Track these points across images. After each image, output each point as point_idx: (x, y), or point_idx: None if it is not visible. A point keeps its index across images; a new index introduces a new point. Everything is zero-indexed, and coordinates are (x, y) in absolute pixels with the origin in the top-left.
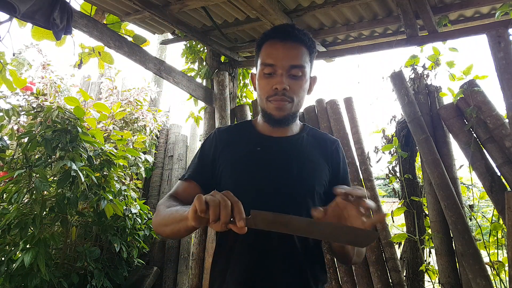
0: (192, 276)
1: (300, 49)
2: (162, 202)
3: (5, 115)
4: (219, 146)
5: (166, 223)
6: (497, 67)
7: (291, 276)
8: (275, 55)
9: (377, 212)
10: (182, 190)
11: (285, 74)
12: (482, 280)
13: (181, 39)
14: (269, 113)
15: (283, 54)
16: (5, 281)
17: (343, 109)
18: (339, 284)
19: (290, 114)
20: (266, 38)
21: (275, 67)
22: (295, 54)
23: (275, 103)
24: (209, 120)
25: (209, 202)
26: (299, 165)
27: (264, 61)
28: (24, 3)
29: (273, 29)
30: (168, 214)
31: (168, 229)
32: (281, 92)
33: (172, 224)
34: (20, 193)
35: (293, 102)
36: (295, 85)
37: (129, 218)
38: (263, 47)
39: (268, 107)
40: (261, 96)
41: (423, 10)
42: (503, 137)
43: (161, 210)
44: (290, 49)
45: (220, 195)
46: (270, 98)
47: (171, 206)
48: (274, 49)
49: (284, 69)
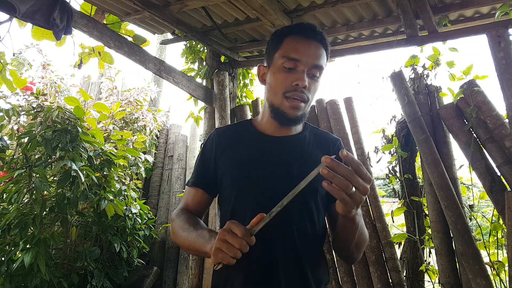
0: (192, 276)
1: (322, 50)
2: (176, 218)
3: (5, 115)
4: (219, 148)
5: (188, 248)
6: (497, 67)
7: (293, 276)
8: (300, 51)
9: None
10: (191, 200)
11: (306, 72)
12: (482, 280)
13: (181, 39)
14: (282, 110)
15: (309, 52)
16: (5, 281)
17: (343, 109)
18: (339, 284)
19: (302, 114)
20: (290, 32)
21: (298, 63)
22: (319, 54)
23: (291, 101)
24: (209, 120)
25: (229, 254)
26: (300, 165)
27: (287, 54)
28: (24, 3)
29: (298, 25)
30: (188, 241)
31: (191, 252)
32: (301, 89)
33: (194, 250)
34: (20, 193)
35: (308, 102)
36: (312, 84)
37: (129, 218)
38: (286, 40)
39: (283, 104)
40: (277, 91)
41: (423, 10)
42: (503, 137)
43: (179, 232)
44: (315, 48)
45: (233, 239)
46: (288, 94)
47: (185, 229)
48: (300, 44)
49: (306, 67)
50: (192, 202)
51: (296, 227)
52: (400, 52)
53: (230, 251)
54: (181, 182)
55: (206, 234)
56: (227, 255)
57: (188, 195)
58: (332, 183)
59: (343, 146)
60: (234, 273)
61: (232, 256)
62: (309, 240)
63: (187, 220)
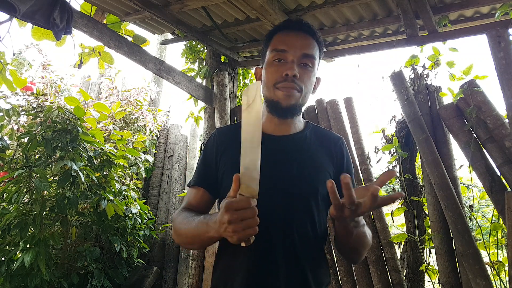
0: (192, 276)
1: (312, 40)
2: (177, 217)
3: (5, 115)
4: (220, 148)
5: (192, 241)
6: (497, 67)
7: (293, 277)
8: (287, 42)
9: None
10: (193, 199)
11: (296, 62)
12: (482, 280)
13: (181, 39)
14: (276, 101)
15: (296, 42)
16: (5, 281)
17: (343, 109)
18: (339, 284)
19: (297, 104)
20: (278, 29)
21: (286, 54)
22: (308, 44)
23: (283, 89)
24: (209, 120)
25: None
26: (300, 164)
27: (275, 47)
28: (24, 3)
29: (285, 21)
30: (190, 233)
31: (195, 245)
32: (291, 79)
33: (198, 241)
34: (20, 193)
35: (302, 92)
36: (305, 74)
37: (129, 218)
38: (275, 36)
39: (276, 94)
40: (268, 84)
41: (423, 10)
42: (503, 137)
43: (180, 228)
44: (303, 38)
45: (243, 212)
46: (279, 84)
47: (185, 223)
48: (287, 37)
49: (295, 57)
50: (194, 202)
51: (296, 228)
52: (400, 52)
53: (248, 224)
54: (181, 182)
55: (207, 217)
56: (243, 231)
57: (190, 195)
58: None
59: (346, 145)
60: (234, 273)
61: (249, 227)
62: (310, 241)
63: (187, 215)
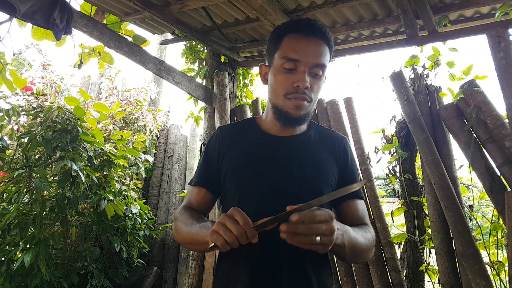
0: (192, 276)
1: (324, 47)
2: (179, 216)
3: (5, 115)
4: (223, 148)
5: (191, 242)
6: (497, 67)
7: (296, 279)
8: (300, 51)
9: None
10: (194, 199)
11: (307, 71)
12: (482, 280)
13: (181, 39)
14: (285, 111)
15: (308, 51)
16: (5, 281)
17: (343, 109)
18: (339, 284)
19: (306, 113)
20: (289, 30)
21: (298, 63)
22: (320, 52)
23: (294, 101)
24: (209, 120)
25: (225, 238)
26: (301, 165)
27: (286, 54)
28: (24, 3)
29: (297, 21)
30: (190, 234)
31: (194, 247)
32: (302, 91)
33: (197, 244)
34: (20, 193)
35: (311, 102)
36: (315, 84)
37: (129, 218)
38: (285, 39)
39: (286, 104)
40: (278, 92)
41: (423, 10)
42: (503, 137)
43: (182, 228)
44: (316, 46)
45: (232, 225)
46: (290, 95)
47: (188, 224)
48: (299, 44)
49: (307, 67)
50: (195, 201)
51: None
52: (400, 52)
53: (226, 235)
54: (181, 182)
55: (209, 224)
56: (222, 238)
57: (191, 194)
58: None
59: (349, 145)
60: (236, 275)
61: (228, 241)
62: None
63: (190, 216)
